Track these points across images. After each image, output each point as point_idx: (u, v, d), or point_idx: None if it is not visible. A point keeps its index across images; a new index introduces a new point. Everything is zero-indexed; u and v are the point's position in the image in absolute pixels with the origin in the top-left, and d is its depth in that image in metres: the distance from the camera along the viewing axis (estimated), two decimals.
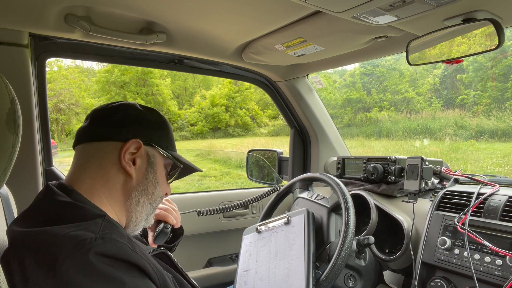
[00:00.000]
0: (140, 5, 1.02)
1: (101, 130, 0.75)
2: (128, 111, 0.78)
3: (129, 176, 0.76)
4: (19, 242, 0.62)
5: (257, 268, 1.03)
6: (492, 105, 12.87)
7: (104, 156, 0.74)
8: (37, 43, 1.23)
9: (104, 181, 0.74)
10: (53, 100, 18.10)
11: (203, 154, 13.57)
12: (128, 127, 0.76)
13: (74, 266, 0.55)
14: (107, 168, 0.74)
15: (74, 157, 0.77)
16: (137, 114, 0.79)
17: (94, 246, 0.57)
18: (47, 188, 0.71)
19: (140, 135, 0.77)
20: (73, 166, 0.76)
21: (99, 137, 0.75)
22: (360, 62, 1.90)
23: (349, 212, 0.99)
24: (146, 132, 0.79)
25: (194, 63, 1.58)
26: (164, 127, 0.84)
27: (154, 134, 0.80)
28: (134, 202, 0.78)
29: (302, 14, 1.04)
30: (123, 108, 0.79)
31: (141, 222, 0.82)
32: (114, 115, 0.77)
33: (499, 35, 0.87)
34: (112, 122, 0.76)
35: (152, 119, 0.81)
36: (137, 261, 0.61)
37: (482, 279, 0.89)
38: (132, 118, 0.78)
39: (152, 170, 0.80)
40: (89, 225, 0.62)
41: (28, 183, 1.18)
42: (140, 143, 0.76)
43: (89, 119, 0.78)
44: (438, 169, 1.25)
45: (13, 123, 0.52)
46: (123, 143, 0.75)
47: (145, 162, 0.79)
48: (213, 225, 1.70)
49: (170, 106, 22.05)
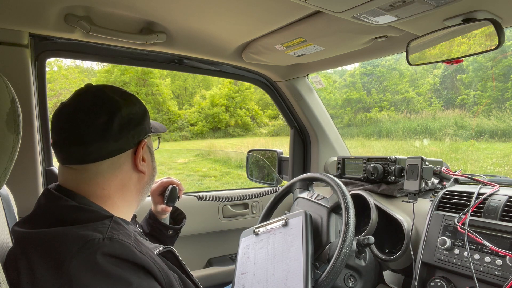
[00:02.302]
0: (140, 5, 1.02)
1: (109, 146, 0.70)
2: (121, 113, 0.71)
3: (142, 174, 0.78)
4: (26, 241, 0.62)
5: (255, 271, 1.03)
6: (492, 105, 12.87)
7: (119, 167, 0.73)
8: (37, 43, 1.23)
9: (119, 187, 0.74)
10: (53, 100, 18.08)
11: (203, 154, 13.56)
12: (131, 131, 0.73)
13: (81, 265, 0.56)
14: (122, 176, 0.74)
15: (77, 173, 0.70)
16: (128, 112, 0.73)
17: (102, 247, 0.58)
18: (49, 193, 0.70)
19: (141, 133, 0.76)
20: (79, 181, 0.70)
21: (111, 153, 0.71)
22: (360, 62, 1.90)
23: (349, 212, 0.99)
24: (142, 127, 0.77)
25: (194, 63, 1.58)
26: (145, 109, 0.79)
27: (145, 124, 0.78)
28: (145, 192, 0.81)
29: (302, 14, 1.04)
30: (110, 110, 0.70)
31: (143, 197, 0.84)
32: (113, 124, 0.70)
33: (499, 35, 0.87)
34: (116, 133, 0.70)
35: (138, 110, 0.76)
36: (143, 263, 0.62)
37: (482, 279, 0.89)
38: (127, 120, 0.72)
39: (153, 157, 0.83)
40: (96, 226, 0.62)
41: (28, 183, 1.18)
42: (145, 141, 0.77)
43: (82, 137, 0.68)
44: (438, 169, 1.25)
45: (13, 123, 0.52)
46: (134, 149, 0.75)
47: (149, 154, 0.81)
48: (213, 225, 1.70)
49: (170, 106, 22.04)
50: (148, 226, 1.17)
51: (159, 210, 1.15)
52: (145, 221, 1.19)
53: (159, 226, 1.16)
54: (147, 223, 1.18)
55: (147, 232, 1.16)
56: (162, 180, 1.17)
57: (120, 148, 0.72)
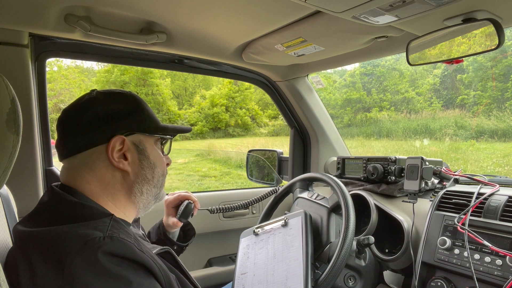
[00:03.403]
0: (140, 5, 1.02)
1: (78, 141, 0.72)
2: (95, 109, 0.73)
3: (125, 172, 0.75)
4: (27, 241, 0.62)
5: (255, 271, 1.03)
6: (492, 105, 12.87)
7: (94, 163, 0.72)
8: (37, 43, 1.23)
9: (103, 186, 0.73)
10: (53, 100, 18.10)
11: (203, 154, 13.56)
12: (102, 126, 0.72)
13: (83, 264, 0.56)
14: (101, 173, 0.73)
15: (65, 169, 0.74)
16: (104, 109, 0.74)
17: (103, 245, 0.58)
18: (52, 190, 0.71)
19: (118, 129, 0.74)
20: (69, 176, 0.74)
21: (80, 148, 0.72)
22: (360, 62, 1.90)
23: (349, 212, 0.99)
24: (122, 123, 0.75)
25: (194, 63, 1.58)
26: (137, 108, 0.78)
27: (130, 122, 0.76)
28: (138, 193, 0.78)
29: (302, 14, 1.04)
30: (88, 107, 0.73)
31: (150, 203, 0.83)
32: (82, 119, 0.72)
33: (499, 35, 0.87)
34: (85, 127, 0.72)
35: (121, 107, 0.76)
36: (143, 261, 0.62)
37: (482, 279, 0.89)
38: (102, 116, 0.73)
39: (144, 157, 0.78)
40: (97, 224, 0.63)
41: (28, 183, 1.18)
42: (123, 137, 0.74)
43: (61, 132, 0.74)
44: (438, 169, 1.25)
45: (13, 123, 0.53)
46: (106, 144, 0.72)
47: (135, 153, 0.77)
48: (213, 225, 1.70)
49: (170, 106, 22.04)
50: (156, 235, 1.15)
51: (170, 223, 1.13)
52: (154, 230, 1.17)
53: (165, 240, 1.13)
54: (156, 233, 1.16)
55: (153, 241, 1.13)
56: (180, 194, 1.15)
57: (88, 143, 0.72)
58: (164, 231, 1.14)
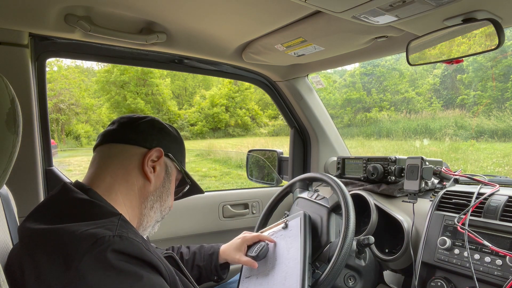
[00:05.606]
0: (140, 5, 1.02)
1: (128, 134, 0.80)
2: (153, 123, 0.85)
3: (147, 181, 0.80)
4: (34, 239, 0.62)
5: (258, 274, 1.05)
6: (492, 105, 12.87)
7: (128, 158, 0.79)
8: (37, 43, 1.23)
9: (124, 181, 0.77)
10: (53, 100, 18.11)
11: (203, 154, 13.57)
12: (153, 135, 0.82)
13: (92, 262, 0.56)
14: (129, 169, 0.78)
15: (96, 157, 0.80)
16: (161, 126, 0.86)
17: (112, 244, 0.59)
18: (64, 186, 0.72)
19: (163, 146, 0.83)
20: (94, 166, 0.79)
21: (126, 140, 0.80)
22: (360, 62, 1.89)
23: (349, 212, 0.99)
24: (168, 144, 0.85)
25: (194, 63, 1.58)
26: (181, 143, 0.91)
27: (173, 147, 0.87)
28: (149, 206, 0.82)
29: (302, 14, 1.04)
30: (149, 119, 0.85)
31: (149, 228, 0.85)
32: (141, 123, 0.83)
33: (499, 35, 0.87)
34: (139, 129, 0.82)
35: (173, 133, 0.88)
36: (151, 260, 0.63)
37: (482, 279, 0.89)
38: (157, 129, 0.84)
39: (168, 180, 0.86)
40: (105, 223, 0.63)
41: (28, 183, 1.18)
42: (162, 152, 0.82)
43: (116, 123, 0.83)
44: (438, 169, 1.25)
45: (13, 123, 0.52)
46: (148, 150, 0.80)
47: (163, 171, 0.85)
48: (213, 225, 1.70)
49: (170, 106, 22.06)
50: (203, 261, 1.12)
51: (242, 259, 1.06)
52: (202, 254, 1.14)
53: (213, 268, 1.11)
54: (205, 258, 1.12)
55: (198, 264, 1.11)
56: (263, 235, 1.11)
57: (135, 140, 0.80)
58: (216, 262, 1.12)
